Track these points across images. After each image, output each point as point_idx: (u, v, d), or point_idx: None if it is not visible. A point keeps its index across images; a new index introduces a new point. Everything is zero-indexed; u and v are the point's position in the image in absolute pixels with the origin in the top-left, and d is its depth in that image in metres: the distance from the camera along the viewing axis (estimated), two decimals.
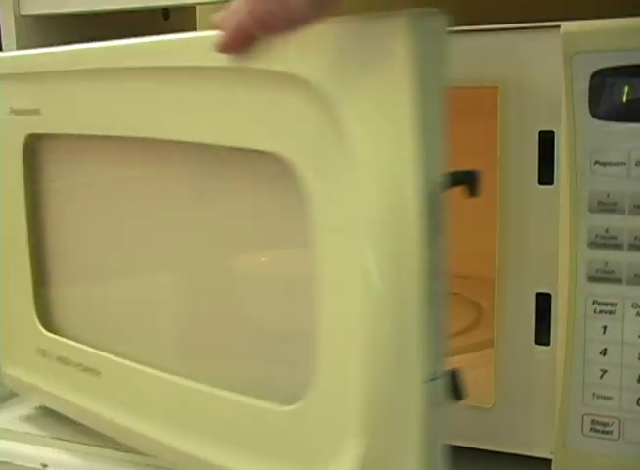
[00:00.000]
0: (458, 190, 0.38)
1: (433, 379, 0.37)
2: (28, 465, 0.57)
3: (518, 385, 0.49)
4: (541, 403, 0.48)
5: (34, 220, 0.58)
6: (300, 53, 0.39)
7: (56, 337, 0.58)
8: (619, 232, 0.43)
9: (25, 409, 0.65)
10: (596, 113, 0.43)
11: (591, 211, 0.44)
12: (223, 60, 0.41)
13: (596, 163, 0.43)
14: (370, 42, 0.36)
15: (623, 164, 0.43)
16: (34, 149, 0.57)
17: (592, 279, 0.44)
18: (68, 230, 0.58)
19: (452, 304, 0.38)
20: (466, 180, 0.38)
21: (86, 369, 0.55)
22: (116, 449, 0.57)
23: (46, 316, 0.59)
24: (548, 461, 0.47)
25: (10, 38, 0.66)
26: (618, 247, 0.44)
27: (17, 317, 0.60)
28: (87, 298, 0.58)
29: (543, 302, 0.47)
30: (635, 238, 0.43)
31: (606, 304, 0.44)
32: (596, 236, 0.44)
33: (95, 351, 0.55)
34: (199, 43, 0.43)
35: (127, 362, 0.52)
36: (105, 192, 0.54)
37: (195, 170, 0.49)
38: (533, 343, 0.48)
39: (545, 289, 0.47)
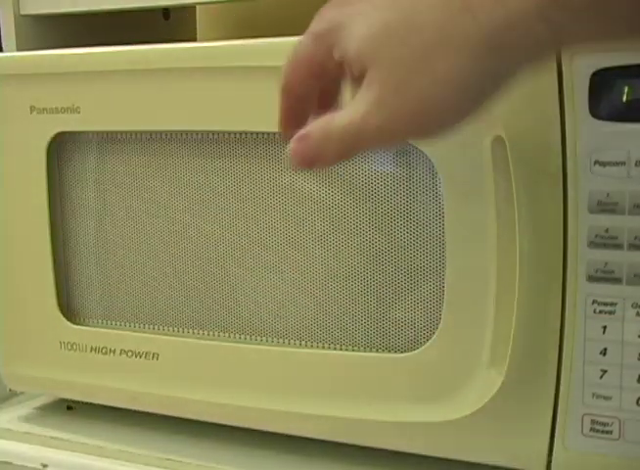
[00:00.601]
0: None
1: None
2: (28, 465, 0.57)
3: None
4: None
5: (57, 220, 0.60)
6: None
7: (89, 328, 0.60)
8: (619, 232, 0.43)
9: (25, 409, 0.65)
10: (596, 113, 0.43)
11: (591, 211, 0.44)
12: None
13: (596, 163, 0.43)
14: None
15: (623, 163, 0.43)
16: (61, 145, 0.59)
17: (592, 279, 0.44)
18: (100, 225, 0.59)
19: None
20: None
21: (138, 354, 0.57)
22: (115, 450, 0.57)
23: (71, 311, 0.61)
24: None
25: (10, 38, 0.66)
26: (618, 247, 0.44)
27: (30, 316, 0.61)
28: (124, 288, 0.59)
29: None
30: (635, 238, 0.43)
31: (606, 304, 0.44)
32: (596, 236, 0.44)
33: (153, 335, 0.57)
34: None
35: (210, 342, 0.56)
36: (152, 182, 0.57)
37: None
38: None
39: None
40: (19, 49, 0.66)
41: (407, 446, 0.51)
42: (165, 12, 0.83)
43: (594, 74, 0.43)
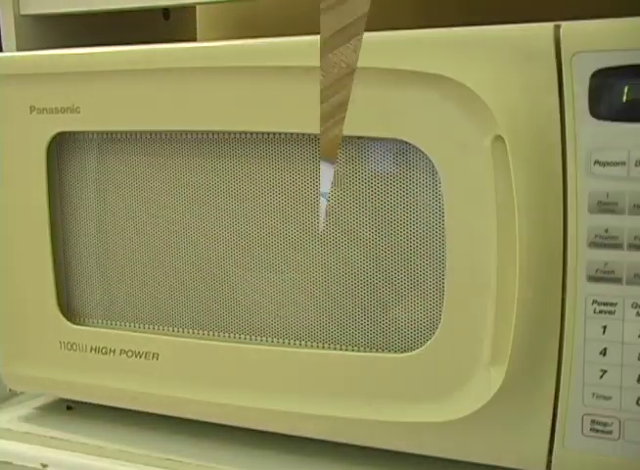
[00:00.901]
0: None
1: None
2: (28, 465, 0.57)
3: None
4: None
5: (57, 220, 0.60)
6: (445, 54, 0.46)
7: (89, 328, 0.60)
8: (619, 232, 0.43)
9: (25, 409, 0.65)
10: (596, 113, 0.43)
11: (591, 211, 0.44)
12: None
13: (596, 162, 0.43)
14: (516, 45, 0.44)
15: (623, 163, 0.43)
16: (61, 145, 0.59)
17: (592, 279, 0.44)
18: (100, 225, 0.59)
19: None
20: None
21: (138, 354, 0.57)
22: (115, 450, 0.57)
23: (71, 311, 0.61)
24: None
25: (10, 38, 0.66)
26: (618, 247, 0.44)
27: (30, 316, 0.61)
28: (124, 288, 0.59)
29: None
30: (635, 238, 0.43)
31: (606, 303, 0.44)
32: (596, 236, 0.44)
33: (153, 335, 0.58)
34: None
35: (210, 342, 0.56)
36: (154, 181, 0.57)
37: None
38: None
39: None
40: (19, 49, 0.66)
41: (407, 445, 0.51)
42: (165, 12, 0.83)
43: (594, 74, 0.43)
